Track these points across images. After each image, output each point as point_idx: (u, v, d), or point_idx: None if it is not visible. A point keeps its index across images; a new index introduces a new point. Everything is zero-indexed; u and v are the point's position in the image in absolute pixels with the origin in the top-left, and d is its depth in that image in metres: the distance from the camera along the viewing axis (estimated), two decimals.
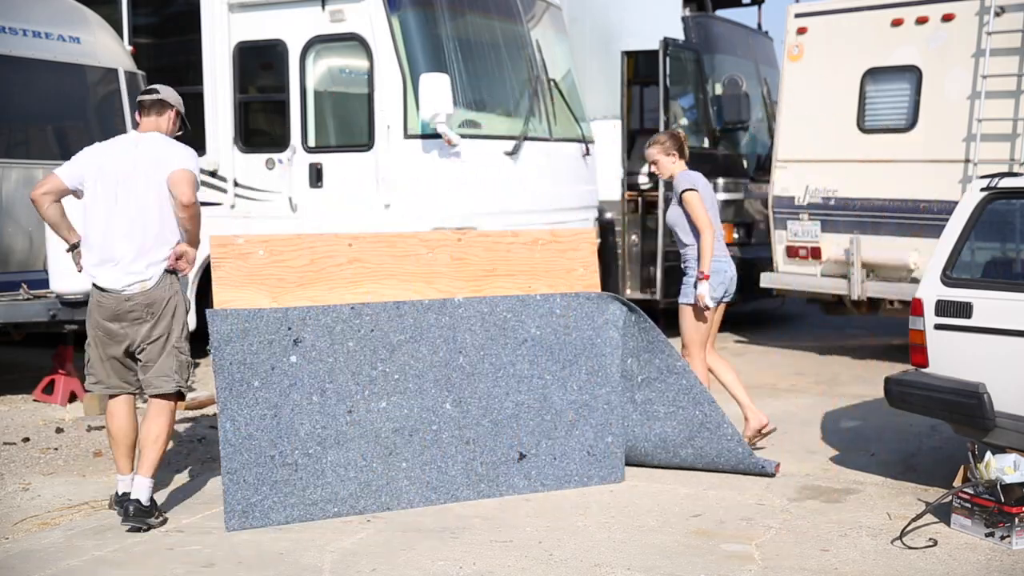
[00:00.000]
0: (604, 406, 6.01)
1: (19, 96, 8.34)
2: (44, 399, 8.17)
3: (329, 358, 5.46)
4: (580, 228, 7.12)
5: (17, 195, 8.09)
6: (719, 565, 4.74)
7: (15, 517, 5.48)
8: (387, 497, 5.49)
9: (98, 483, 6.08)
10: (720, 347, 10.76)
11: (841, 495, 5.80)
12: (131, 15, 9.86)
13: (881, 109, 9.71)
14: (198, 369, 9.52)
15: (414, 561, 4.80)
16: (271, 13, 9.25)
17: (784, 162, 10.19)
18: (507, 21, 9.83)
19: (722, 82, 11.77)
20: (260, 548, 4.96)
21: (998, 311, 5.34)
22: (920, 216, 9.26)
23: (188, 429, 7.33)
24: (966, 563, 4.77)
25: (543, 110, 9.87)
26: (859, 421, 7.51)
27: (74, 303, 7.77)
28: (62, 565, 4.76)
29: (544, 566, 4.73)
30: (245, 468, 5.25)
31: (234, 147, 9.42)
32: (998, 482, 4.98)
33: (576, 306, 5.98)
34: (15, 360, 9.76)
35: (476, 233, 6.24)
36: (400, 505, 5.51)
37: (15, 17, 8.31)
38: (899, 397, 5.76)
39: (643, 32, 11.33)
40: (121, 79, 8.87)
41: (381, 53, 8.77)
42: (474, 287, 5.84)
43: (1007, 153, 8.82)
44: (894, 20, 9.54)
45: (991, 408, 5.30)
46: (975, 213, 5.61)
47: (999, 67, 8.88)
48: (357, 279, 5.61)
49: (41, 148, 8.53)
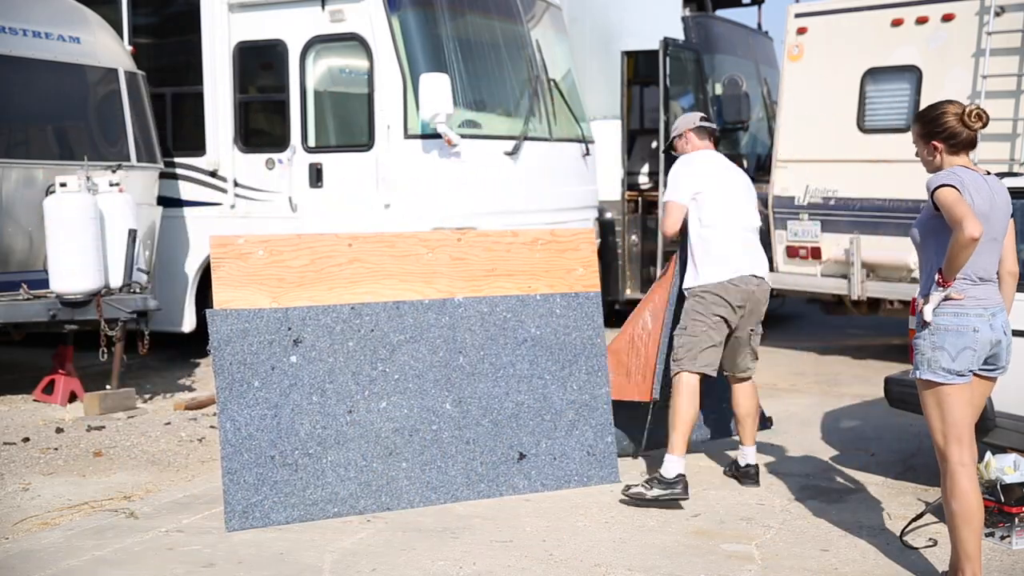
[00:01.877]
0: (604, 406, 6.01)
1: (19, 96, 8.33)
2: (44, 399, 8.17)
3: (329, 358, 5.46)
4: (580, 228, 7.10)
5: (17, 195, 8.09)
6: (719, 565, 4.75)
7: (15, 517, 5.48)
8: (387, 497, 5.49)
9: (98, 483, 6.08)
10: None
11: (841, 495, 5.80)
12: (131, 15, 9.86)
13: (881, 109, 9.71)
14: (198, 369, 9.54)
15: (414, 561, 4.80)
16: (271, 13, 9.25)
17: (784, 162, 10.19)
18: (507, 21, 9.83)
19: (722, 82, 11.78)
20: (260, 548, 4.96)
21: None
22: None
23: (188, 429, 7.33)
24: None
25: (543, 110, 9.87)
26: (859, 421, 7.51)
27: (74, 303, 7.77)
28: (62, 565, 4.76)
29: (544, 566, 4.74)
30: (245, 468, 5.25)
31: (234, 147, 9.42)
32: (998, 482, 4.98)
33: (576, 306, 5.99)
34: (15, 360, 9.76)
35: (476, 233, 6.24)
36: (400, 505, 5.51)
37: (15, 17, 8.31)
38: (899, 397, 5.77)
39: (643, 32, 11.34)
40: (121, 79, 8.87)
41: (381, 53, 8.77)
42: (474, 287, 5.84)
43: (1007, 153, 8.83)
44: (894, 20, 9.54)
45: (991, 408, 5.29)
46: None
47: (999, 67, 8.88)
48: (357, 279, 5.61)
49: (41, 148, 8.52)
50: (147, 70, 9.29)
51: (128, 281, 8.04)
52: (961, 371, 4.22)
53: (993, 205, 4.26)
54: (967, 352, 4.21)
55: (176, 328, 9.57)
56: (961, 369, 4.22)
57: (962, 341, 4.20)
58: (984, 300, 4.25)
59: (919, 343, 4.30)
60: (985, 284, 4.27)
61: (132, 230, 8.04)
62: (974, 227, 4.00)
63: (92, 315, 7.81)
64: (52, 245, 7.75)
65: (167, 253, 9.40)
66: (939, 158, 4.35)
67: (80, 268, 7.71)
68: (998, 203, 4.28)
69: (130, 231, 8.03)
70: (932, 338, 4.23)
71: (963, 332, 4.20)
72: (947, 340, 4.20)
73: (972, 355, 4.22)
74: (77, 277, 7.74)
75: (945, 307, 4.21)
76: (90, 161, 8.24)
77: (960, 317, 4.21)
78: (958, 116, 4.28)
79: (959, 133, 4.29)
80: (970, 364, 4.23)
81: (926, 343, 4.26)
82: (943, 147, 4.33)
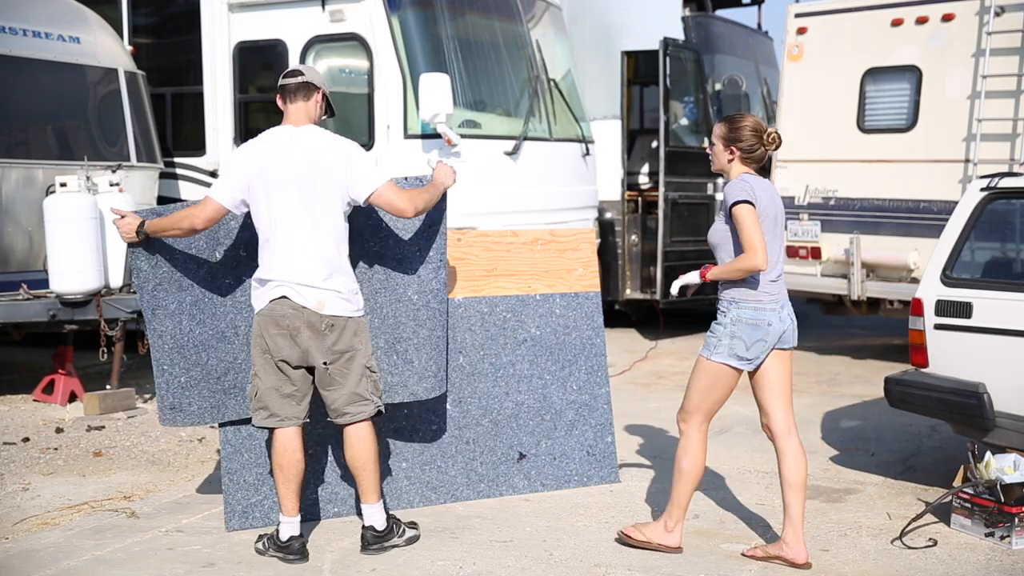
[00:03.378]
0: (604, 406, 6.02)
1: (19, 96, 8.33)
2: (44, 399, 8.17)
3: None
4: (580, 228, 7.10)
5: (17, 195, 8.09)
6: (719, 565, 4.74)
7: (15, 517, 5.48)
8: (387, 497, 5.49)
9: (98, 483, 6.08)
10: None
11: (841, 495, 5.80)
12: (131, 15, 9.86)
13: (881, 109, 9.71)
14: None
15: (414, 561, 4.80)
16: (271, 13, 9.26)
17: (784, 162, 10.19)
18: (507, 21, 9.84)
19: (722, 82, 11.78)
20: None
21: (998, 311, 5.34)
22: (920, 216, 9.26)
23: (188, 429, 7.33)
24: (966, 563, 4.77)
25: (543, 110, 9.88)
26: (859, 421, 7.51)
27: (74, 303, 7.77)
28: (62, 565, 4.76)
29: (544, 566, 4.74)
30: (245, 468, 5.25)
31: (234, 147, 9.42)
32: (998, 482, 4.98)
33: (576, 306, 5.99)
34: (15, 360, 9.76)
35: (476, 233, 6.24)
36: (400, 505, 5.51)
37: (15, 17, 8.31)
38: (899, 397, 5.77)
39: (643, 32, 11.34)
40: (121, 79, 8.87)
41: (381, 53, 8.77)
42: (474, 287, 5.83)
43: (1007, 153, 8.82)
44: (894, 20, 9.54)
45: (991, 408, 5.30)
46: (975, 213, 5.61)
47: (999, 67, 8.87)
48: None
49: (41, 148, 8.52)
50: (147, 70, 9.30)
51: (128, 281, 8.04)
52: (752, 359, 4.67)
53: (777, 208, 4.70)
54: (760, 344, 4.66)
55: None
56: (752, 358, 4.67)
57: (757, 334, 4.64)
58: (776, 295, 4.68)
59: (717, 328, 4.70)
60: (776, 280, 4.69)
61: None
62: (762, 261, 4.49)
63: (92, 315, 7.81)
64: (52, 245, 7.74)
65: None
66: (734, 164, 4.71)
67: (80, 268, 7.71)
68: (780, 208, 4.74)
69: None
70: (732, 328, 4.64)
71: (759, 326, 4.63)
72: (744, 332, 4.62)
73: (764, 346, 4.66)
74: (77, 277, 7.73)
75: (745, 304, 4.61)
76: (90, 161, 8.24)
77: (759, 312, 4.63)
78: (757, 133, 4.68)
79: (756, 148, 4.68)
80: (760, 353, 4.67)
81: (726, 331, 4.66)
82: (739, 155, 4.69)
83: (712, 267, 4.68)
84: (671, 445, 6.83)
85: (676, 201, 10.93)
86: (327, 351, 4.71)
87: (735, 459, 6.51)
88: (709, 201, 11.28)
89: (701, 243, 11.21)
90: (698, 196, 11.21)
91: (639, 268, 11.54)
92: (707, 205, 11.27)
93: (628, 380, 9.04)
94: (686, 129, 11.83)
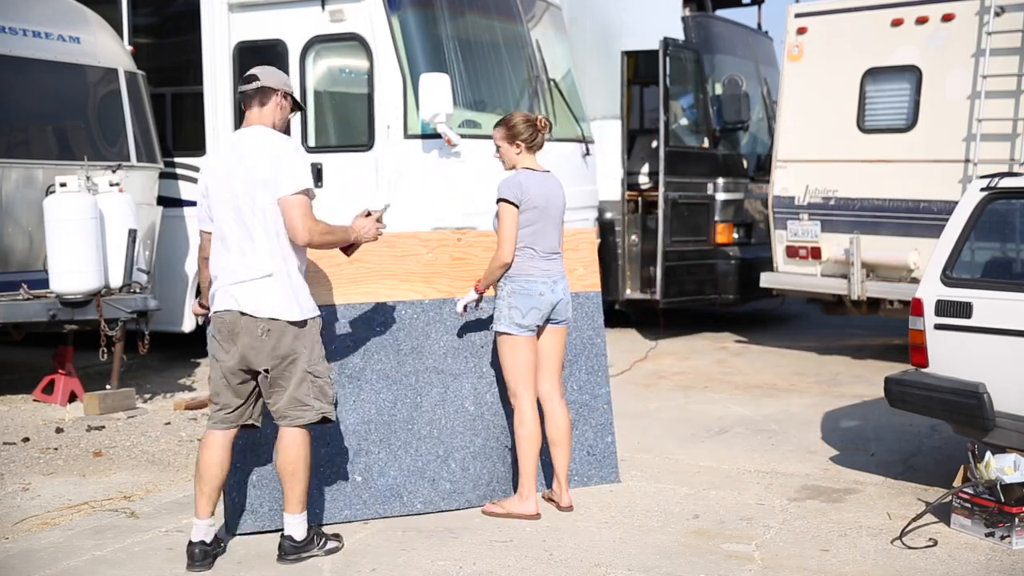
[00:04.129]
0: (604, 406, 6.01)
1: (19, 96, 8.32)
2: (44, 399, 8.17)
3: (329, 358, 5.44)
4: (580, 228, 7.10)
5: (17, 195, 8.09)
6: (719, 565, 4.74)
7: (15, 517, 5.48)
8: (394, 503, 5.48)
9: (98, 483, 6.08)
10: (720, 347, 10.82)
11: (841, 495, 5.80)
12: (131, 15, 9.86)
13: (881, 109, 9.71)
14: (198, 369, 9.55)
15: (414, 561, 4.80)
16: (271, 13, 9.25)
17: (784, 162, 10.19)
18: (507, 21, 9.83)
19: (722, 82, 11.77)
20: (260, 548, 4.96)
21: (998, 311, 5.34)
22: (920, 216, 9.26)
23: (188, 429, 7.33)
24: (966, 563, 4.77)
25: (543, 110, 9.87)
26: (859, 421, 7.51)
27: (74, 303, 7.77)
28: (62, 565, 4.76)
29: (544, 566, 4.73)
30: (245, 468, 5.25)
31: None
32: (998, 482, 4.98)
33: (576, 306, 5.98)
34: (15, 360, 9.76)
35: (476, 233, 6.23)
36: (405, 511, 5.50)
37: (15, 17, 8.30)
38: (899, 397, 5.76)
39: (643, 32, 11.33)
40: (121, 79, 8.87)
41: (381, 53, 8.77)
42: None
43: (1007, 153, 8.82)
44: (894, 20, 9.54)
45: (991, 408, 5.30)
46: (975, 213, 5.61)
47: (999, 67, 8.87)
48: (358, 279, 5.60)
49: (41, 148, 8.52)
50: (147, 70, 9.29)
51: (128, 281, 8.05)
52: (529, 326, 5.30)
53: (549, 200, 5.36)
54: (534, 312, 5.30)
55: (176, 328, 9.57)
56: (529, 324, 5.29)
57: (530, 302, 5.28)
58: (548, 271, 5.34)
59: (499, 303, 5.34)
60: (549, 259, 5.35)
61: (132, 230, 8.04)
62: (506, 254, 5.23)
63: (92, 315, 7.81)
64: (52, 245, 7.74)
65: (167, 253, 9.40)
66: (522, 156, 5.38)
67: (80, 268, 7.71)
68: (552, 198, 5.40)
69: (130, 231, 8.03)
70: (509, 299, 5.29)
71: (531, 295, 5.28)
72: (519, 301, 5.27)
73: (538, 313, 5.31)
74: (77, 277, 7.73)
75: (518, 277, 5.28)
76: (90, 161, 8.24)
77: (530, 284, 5.28)
78: (530, 123, 5.35)
79: (535, 136, 5.37)
80: (537, 320, 5.31)
81: (504, 303, 5.31)
82: (524, 147, 5.37)
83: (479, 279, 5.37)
84: (672, 445, 6.84)
85: (676, 201, 10.93)
86: (267, 356, 4.63)
87: (735, 459, 6.51)
88: (709, 201, 11.28)
89: (701, 243, 11.29)
90: (698, 196, 11.21)
91: (639, 268, 11.54)
92: (707, 205, 11.27)
93: (628, 380, 9.04)
94: (686, 129, 11.83)
